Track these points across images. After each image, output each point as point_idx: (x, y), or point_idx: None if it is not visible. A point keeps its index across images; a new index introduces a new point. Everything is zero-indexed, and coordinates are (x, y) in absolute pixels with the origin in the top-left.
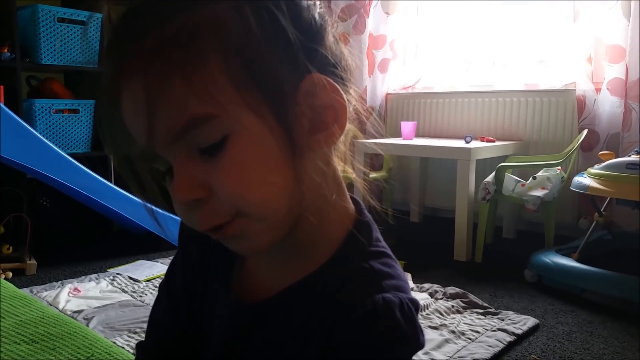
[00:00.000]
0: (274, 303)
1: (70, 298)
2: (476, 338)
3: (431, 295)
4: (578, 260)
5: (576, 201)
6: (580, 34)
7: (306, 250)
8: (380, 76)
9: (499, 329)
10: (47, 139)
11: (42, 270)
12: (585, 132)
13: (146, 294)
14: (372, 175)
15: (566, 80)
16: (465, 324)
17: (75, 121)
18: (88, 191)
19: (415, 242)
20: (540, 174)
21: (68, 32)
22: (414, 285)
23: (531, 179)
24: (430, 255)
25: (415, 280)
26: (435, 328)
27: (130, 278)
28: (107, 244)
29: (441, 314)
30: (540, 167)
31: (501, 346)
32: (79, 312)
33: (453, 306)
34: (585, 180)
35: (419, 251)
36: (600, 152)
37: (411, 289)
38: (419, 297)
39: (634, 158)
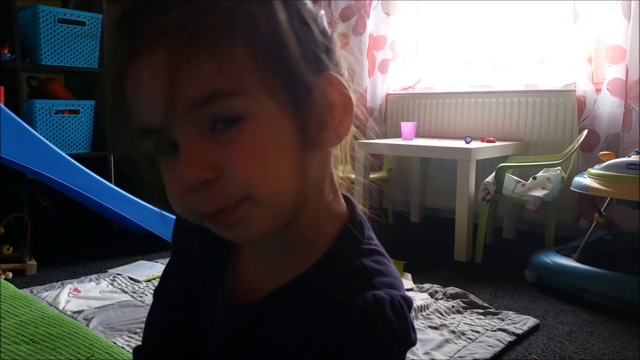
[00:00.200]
0: (269, 301)
1: (70, 298)
2: (476, 338)
3: (431, 295)
4: (578, 261)
5: (576, 201)
6: (581, 34)
7: (299, 248)
8: (380, 77)
9: (499, 329)
10: (47, 139)
11: (42, 271)
12: (585, 132)
13: (146, 295)
14: (372, 176)
15: (566, 80)
16: (465, 324)
17: (76, 122)
18: (88, 191)
19: (416, 243)
20: (540, 174)
21: (68, 32)
22: (414, 286)
23: (531, 179)
24: (430, 256)
25: (415, 281)
26: (435, 328)
27: (131, 278)
28: (107, 244)
29: (441, 314)
30: (540, 167)
31: (501, 346)
32: (79, 312)
33: (453, 306)
34: (586, 180)
35: (419, 251)
36: (601, 153)
37: (411, 289)
38: (419, 298)
39: (634, 158)
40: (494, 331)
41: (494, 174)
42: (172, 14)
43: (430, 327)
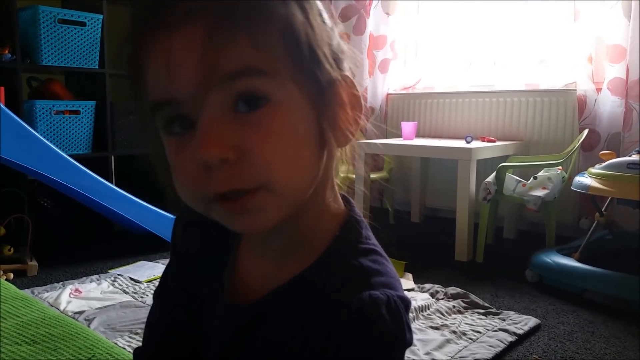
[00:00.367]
0: (268, 301)
1: (71, 299)
2: (477, 338)
3: (432, 295)
4: (579, 260)
5: (577, 201)
6: (581, 33)
7: (299, 248)
8: (380, 76)
9: (500, 329)
10: (47, 140)
11: (43, 272)
12: (586, 132)
13: (147, 295)
14: (372, 176)
15: (567, 80)
16: (466, 324)
17: (76, 122)
18: (89, 192)
19: (416, 243)
20: (541, 173)
21: (68, 33)
22: (415, 286)
23: (532, 179)
24: (431, 256)
25: (416, 281)
26: (436, 328)
27: (132, 279)
28: (108, 244)
29: (442, 314)
30: (541, 167)
31: (502, 346)
32: (80, 313)
33: (454, 306)
34: (586, 180)
35: (419, 251)
36: (601, 152)
37: (412, 289)
38: (420, 298)
39: (634, 158)
40: (495, 331)
41: (494, 173)
42: None
43: (431, 327)
